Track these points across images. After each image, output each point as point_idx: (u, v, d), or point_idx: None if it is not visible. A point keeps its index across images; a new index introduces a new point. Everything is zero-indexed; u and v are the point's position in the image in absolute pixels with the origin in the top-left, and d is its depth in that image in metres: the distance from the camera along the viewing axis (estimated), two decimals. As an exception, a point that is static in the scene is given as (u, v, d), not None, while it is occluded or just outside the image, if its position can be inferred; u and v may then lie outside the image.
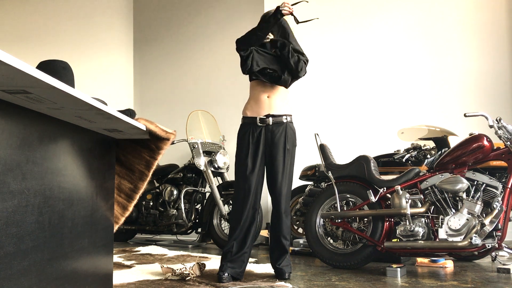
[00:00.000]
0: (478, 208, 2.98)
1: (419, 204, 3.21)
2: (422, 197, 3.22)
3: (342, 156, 4.35)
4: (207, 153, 4.95)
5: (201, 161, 4.74)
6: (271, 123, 3.02)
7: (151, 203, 5.17)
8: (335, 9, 5.84)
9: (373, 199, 3.30)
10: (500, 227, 2.95)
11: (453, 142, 3.92)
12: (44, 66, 1.99)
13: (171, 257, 4.00)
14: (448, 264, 3.50)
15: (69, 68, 2.07)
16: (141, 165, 2.50)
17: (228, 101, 5.74)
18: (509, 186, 2.98)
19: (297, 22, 2.97)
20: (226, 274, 2.88)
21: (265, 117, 3.03)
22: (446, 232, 3.02)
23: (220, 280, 2.86)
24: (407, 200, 3.19)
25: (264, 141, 3.03)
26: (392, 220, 3.36)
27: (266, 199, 5.03)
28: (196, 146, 4.79)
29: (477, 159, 3.10)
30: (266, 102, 3.05)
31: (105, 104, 1.83)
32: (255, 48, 3.01)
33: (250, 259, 3.67)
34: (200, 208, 5.06)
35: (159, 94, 6.56)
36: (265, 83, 3.05)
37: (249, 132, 3.04)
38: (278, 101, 3.06)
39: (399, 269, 3.09)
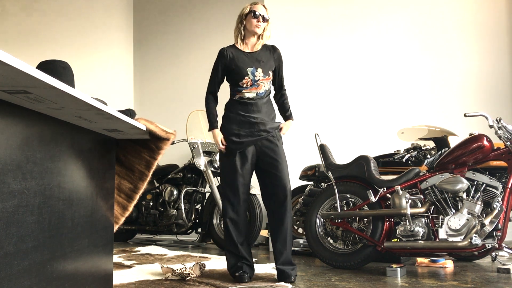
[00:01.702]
0: (478, 208, 2.98)
1: (419, 204, 3.21)
2: (422, 197, 3.22)
3: (342, 156, 4.34)
4: (207, 153, 4.95)
5: (201, 161, 4.74)
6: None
7: (151, 203, 5.17)
8: (336, 9, 5.84)
9: (373, 199, 3.30)
10: (500, 227, 2.95)
11: (453, 142, 3.92)
12: (44, 66, 1.98)
13: (171, 257, 4.00)
14: (448, 264, 3.50)
15: (69, 68, 2.07)
16: (141, 165, 2.50)
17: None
18: (509, 186, 2.98)
19: None
20: (247, 275, 2.91)
21: None
22: (446, 232, 3.02)
23: (242, 280, 2.87)
24: (407, 200, 3.19)
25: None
26: (392, 220, 3.36)
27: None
28: (196, 146, 4.79)
29: (477, 159, 3.10)
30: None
31: (105, 104, 1.83)
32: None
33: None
34: (200, 208, 5.06)
35: (159, 94, 6.56)
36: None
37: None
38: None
39: (399, 269, 3.09)
